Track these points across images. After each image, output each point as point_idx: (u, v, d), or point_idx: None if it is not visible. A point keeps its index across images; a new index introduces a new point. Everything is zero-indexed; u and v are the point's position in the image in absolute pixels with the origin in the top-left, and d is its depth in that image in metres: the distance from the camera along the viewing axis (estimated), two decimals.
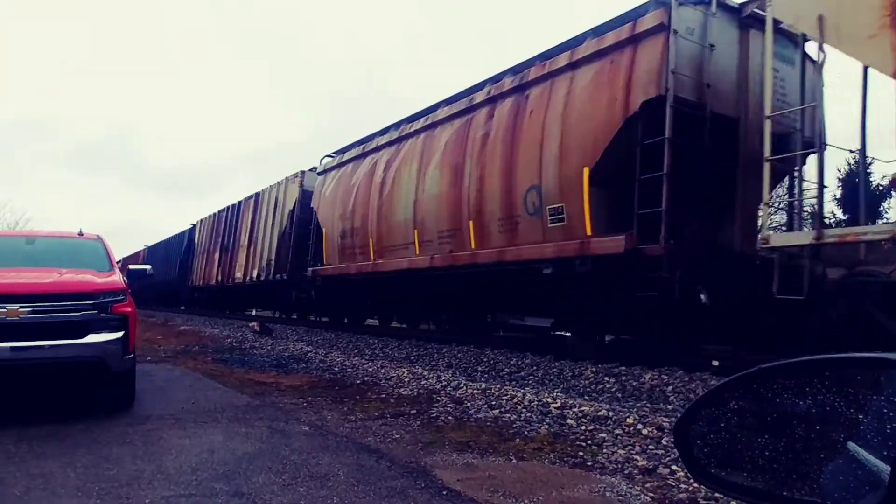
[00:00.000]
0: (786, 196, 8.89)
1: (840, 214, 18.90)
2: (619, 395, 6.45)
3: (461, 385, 6.54)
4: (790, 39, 7.22)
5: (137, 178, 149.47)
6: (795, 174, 7.54)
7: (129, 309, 5.60)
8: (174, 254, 29.87)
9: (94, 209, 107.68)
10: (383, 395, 6.34)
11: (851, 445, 0.93)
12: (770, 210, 8.79)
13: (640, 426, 4.51)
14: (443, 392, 6.27)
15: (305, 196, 17.12)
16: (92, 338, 5.20)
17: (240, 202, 22.29)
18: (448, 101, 11.85)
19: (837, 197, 19.11)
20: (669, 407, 5.64)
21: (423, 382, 6.87)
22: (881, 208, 13.55)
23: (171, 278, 28.98)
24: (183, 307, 29.93)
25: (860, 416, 0.94)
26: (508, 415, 5.20)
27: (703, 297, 6.97)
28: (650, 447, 4.10)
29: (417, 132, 12.32)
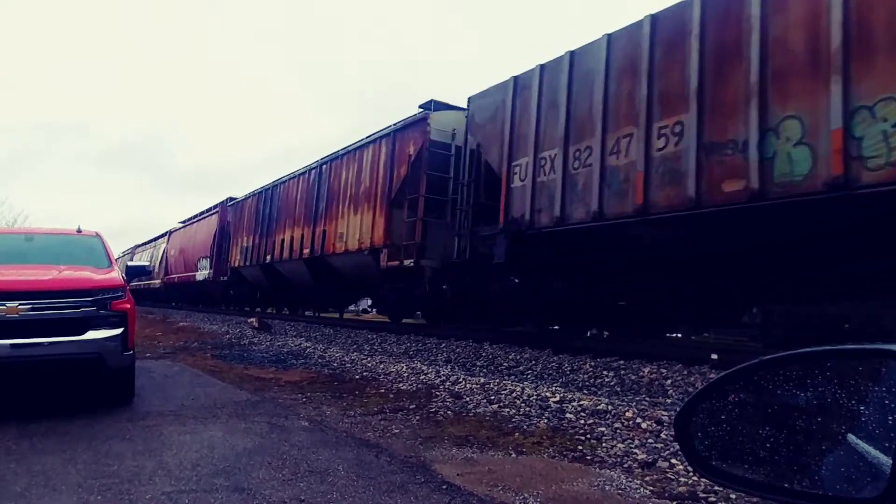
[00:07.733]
0: None
1: None
2: (618, 389, 6.46)
3: (460, 380, 6.55)
4: None
5: (166, 177, 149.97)
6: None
7: (128, 305, 5.59)
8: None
9: (122, 207, 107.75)
10: (382, 391, 6.35)
11: (852, 437, 0.93)
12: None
13: (639, 420, 4.52)
14: (442, 387, 6.28)
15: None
16: (91, 334, 5.20)
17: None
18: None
19: None
20: (668, 401, 5.65)
21: (421, 377, 6.88)
22: None
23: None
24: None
25: (861, 408, 0.94)
26: (507, 409, 5.21)
27: None
28: (649, 441, 4.11)
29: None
